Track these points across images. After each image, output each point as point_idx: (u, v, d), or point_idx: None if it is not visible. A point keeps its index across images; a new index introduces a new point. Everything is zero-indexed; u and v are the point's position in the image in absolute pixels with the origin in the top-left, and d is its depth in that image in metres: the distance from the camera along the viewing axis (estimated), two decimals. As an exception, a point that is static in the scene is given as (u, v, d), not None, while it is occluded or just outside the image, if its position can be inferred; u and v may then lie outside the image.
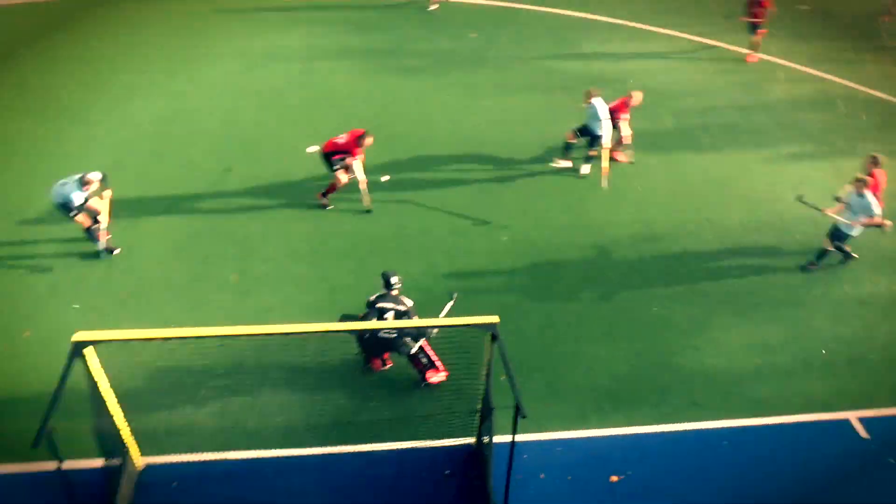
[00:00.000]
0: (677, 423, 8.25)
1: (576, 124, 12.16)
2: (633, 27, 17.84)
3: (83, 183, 9.38)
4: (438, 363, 8.31)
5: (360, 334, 8.06)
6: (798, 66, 16.36)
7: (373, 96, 14.23)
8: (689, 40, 17.29)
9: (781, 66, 16.33)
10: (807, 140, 13.65)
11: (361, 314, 8.21)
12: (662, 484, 7.58)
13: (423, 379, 8.32)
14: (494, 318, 6.40)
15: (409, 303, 8.18)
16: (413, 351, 8.16)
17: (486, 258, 10.47)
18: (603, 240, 10.87)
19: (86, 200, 9.52)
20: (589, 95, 11.90)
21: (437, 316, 8.47)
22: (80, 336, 5.98)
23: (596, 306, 9.75)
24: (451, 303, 8.62)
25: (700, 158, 12.98)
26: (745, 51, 16.54)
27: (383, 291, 8.21)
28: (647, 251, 10.70)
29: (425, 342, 8.25)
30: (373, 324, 7.75)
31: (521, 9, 18.32)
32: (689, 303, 9.86)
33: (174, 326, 8.10)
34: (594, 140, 12.00)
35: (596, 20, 18.05)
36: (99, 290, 9.52)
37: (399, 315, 8.06)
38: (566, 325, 9.43)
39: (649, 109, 13.21)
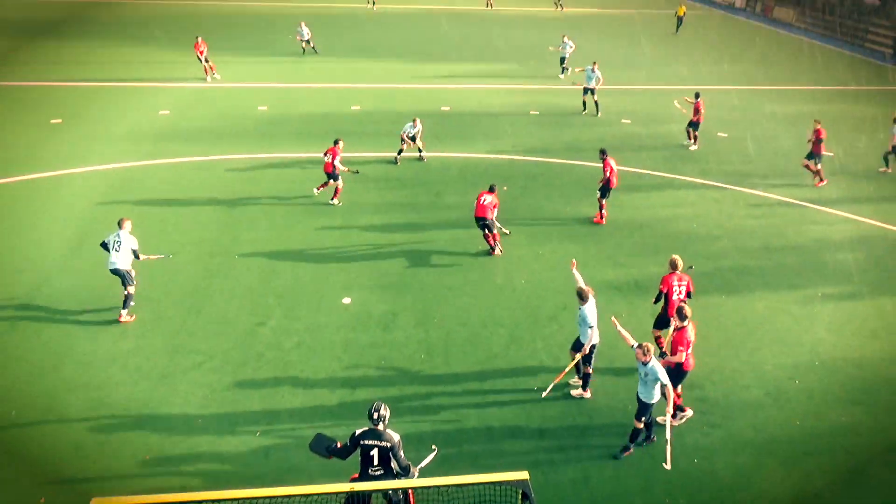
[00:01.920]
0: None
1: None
2: (657, 175, 18.38)
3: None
4: None
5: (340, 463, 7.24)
6: (828, 210, 16.67)
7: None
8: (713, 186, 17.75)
9: (812, 209, 16.64)
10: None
11: (342, 444, 7.72)
12: None
13: None
14: (523, 475, 6.08)
15: (395, 438, 7.56)
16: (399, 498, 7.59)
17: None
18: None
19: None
20: (583, 297, 9.80)
21: (419, 460, 7.97)
22: (96, 502, 5.85)
23: (632, 467, 9.18)
24: (431, 455, 8.13)
25: (734, 301, 12.87)
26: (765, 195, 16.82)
27: (369, 427, 7.63)
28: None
29: (411, 493, 7.66)
30: (385, 484, 7.08)
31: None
32: (734, 453, 9.39)
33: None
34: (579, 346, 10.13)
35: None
36: (119, 452, 9.34)
37: (383, 451, 7.52)
38: (602, 482, 8.90)
39: (683, 252, 13.12)
